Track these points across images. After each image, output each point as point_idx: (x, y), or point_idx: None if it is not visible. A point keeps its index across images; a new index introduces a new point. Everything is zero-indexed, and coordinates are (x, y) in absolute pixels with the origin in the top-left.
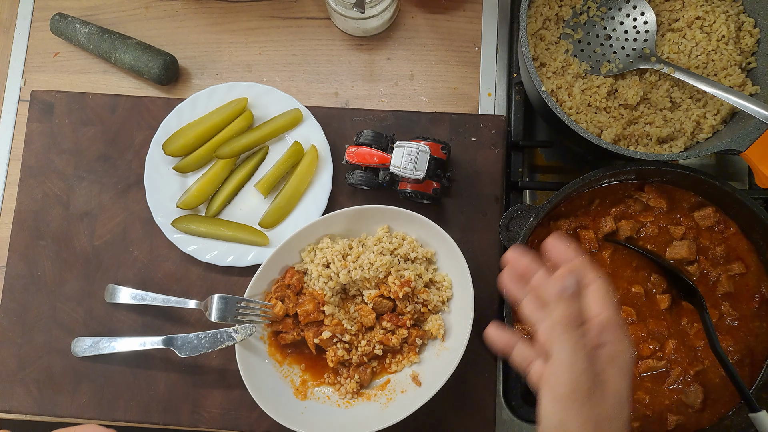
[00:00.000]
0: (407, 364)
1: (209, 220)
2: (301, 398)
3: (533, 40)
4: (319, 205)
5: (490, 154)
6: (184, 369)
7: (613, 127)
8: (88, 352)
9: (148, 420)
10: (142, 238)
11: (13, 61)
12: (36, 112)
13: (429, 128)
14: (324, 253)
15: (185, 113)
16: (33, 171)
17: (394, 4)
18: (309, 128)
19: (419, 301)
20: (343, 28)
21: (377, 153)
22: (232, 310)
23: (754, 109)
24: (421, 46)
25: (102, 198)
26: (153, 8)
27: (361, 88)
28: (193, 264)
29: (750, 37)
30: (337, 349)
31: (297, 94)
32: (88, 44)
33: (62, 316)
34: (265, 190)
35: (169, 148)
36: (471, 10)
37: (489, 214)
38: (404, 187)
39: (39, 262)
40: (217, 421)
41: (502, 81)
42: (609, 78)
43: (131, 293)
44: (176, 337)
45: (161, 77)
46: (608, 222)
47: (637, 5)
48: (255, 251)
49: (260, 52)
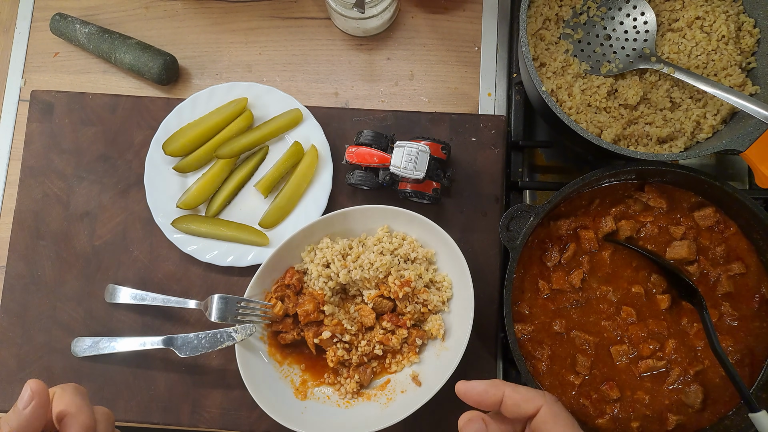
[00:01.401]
0: (407, 364)
1: (209, 220)
2: (301, 398)
3: (533, 40)
4: (319, 205)
5: (490, 154)
6: (184, 369)
7: (613, 127)
8: (88, 352)
9: (148, 420)
10: (142, 238)
11: (13, 61)
12: (36, 112)
13: (429, 128)
14: (324, 253)
15: (185, 113)
16: (33, 171)
17: (394, 4)
18: (309, 128)
19: (419, 301)
20: (343, 28)
21: (377, 153)
22: (232, 310)
23: (754, 109)
24: (421, 46)
25: (102, 198)
26: (153, 8)
27: (361, 88)
28: (193, 264)
29: (750, 37)
30: (337, 349)
31: (297, 94)
32: (88, 44)
33: (62, 316)
34: (265, 190)
35: (169, 148)
36: (471, 10)
37: (489, 214)
38: (404, 187)
39: (39, 262)
40: (217, 421)
41: (502, 81)
42: (609, 78)
43: (131, 293)
44: (176, 337)
45: (161, 77)
46: (608, 222)
47: (637, 5)
48: (255, 251)
49: (260, 52)
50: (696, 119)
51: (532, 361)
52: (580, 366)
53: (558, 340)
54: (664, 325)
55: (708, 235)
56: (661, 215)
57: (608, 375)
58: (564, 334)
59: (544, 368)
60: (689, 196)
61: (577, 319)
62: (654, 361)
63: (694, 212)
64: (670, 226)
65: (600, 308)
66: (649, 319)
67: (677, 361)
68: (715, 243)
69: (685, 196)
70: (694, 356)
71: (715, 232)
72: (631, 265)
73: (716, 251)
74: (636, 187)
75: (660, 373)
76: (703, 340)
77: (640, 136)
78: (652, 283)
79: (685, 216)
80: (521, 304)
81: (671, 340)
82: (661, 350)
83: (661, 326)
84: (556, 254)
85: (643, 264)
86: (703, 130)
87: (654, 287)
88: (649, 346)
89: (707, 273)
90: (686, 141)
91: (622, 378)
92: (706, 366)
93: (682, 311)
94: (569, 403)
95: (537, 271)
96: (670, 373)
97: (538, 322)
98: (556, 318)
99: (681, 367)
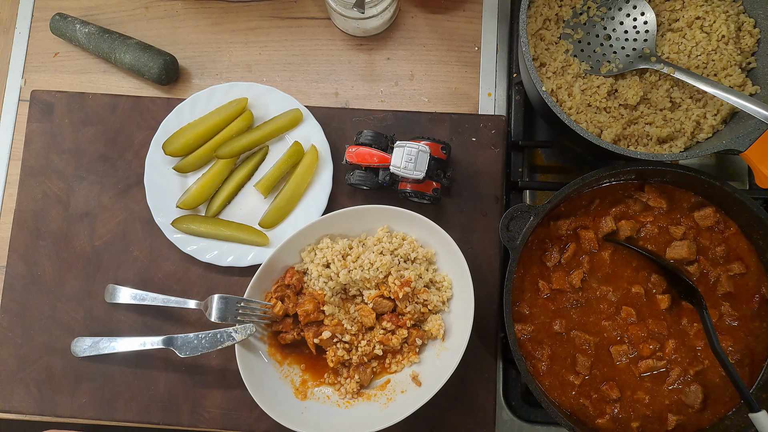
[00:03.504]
0: (407, 364)
1: (209, 220)
2: (301, 398)
3: (533, 40)
4: (319, 205)
5: (490, 154)
6: (184, 369)
7: (613, 127)
8: (88, 352)
9: (148, 420)
10: (142, 238)
11: (13, 61)
12: (36, 112)
13: (429, 128)
14: (324, 253)
15: (185, 113)
16: (33, 171)
17: (394, 4)
18: (309, 128)
19: (419, 301)
20: (343, 28)
21: (377, 153)
22: (232, 310)
23: (754, 109)
24: (421, 46)
25: (102, 198)
26: (153, 8)
27: (361, 88)
28: (193, 264)
29: (750, 37)
30: (337, 349)
31: (297, 94)
32: (88, 44)
33: (62, 316)
34: (265, 190)
35: (169, 148)
36: (471, 10)
37: (489, 214)
38: (404, 187)
39: (39, 262)
40: (217, 421)
41: (502, 81)
42: (609, 78)
43: (131, 293)
44: (176, 337)
45: (161, 77)
46: (608, 222)
47: (637, 5)
48: (255, 251)
49: (260, 52)
50: (696, 119)
51: (532, 361)
52: (580, 366)
53: (558, 340)
54: (664, 325)
55: (708, 235)
56: (661, 215)
57: (608, 375)
58: (564, 334)
59: (544, 368)
60: (689, 196)
61: (577, 319)
62: (654, 361)
63: (694, 212)
64: (670, 226)
65: (600, 308)
66: (649, 319)
67: (677, 361)
68: (715, 243)
69: (685, 196)
70: (694, 356)
71: (715, 232)
72: (631, 265)
73: (716, 251)
74: (636, 187)
75: (660, 373)
76: (703, 340)
77: (640, 136)
78: (652, 283)
79: (685, 216)
80: (521, 304)
81: (671, 340)
82: (661, 350)
83: (661, 326)
84: (556, 254)
85: (643, 264)
86: (703, 130)
87: (654, 287)
88: (649, 346)
89: (707, 273)
90: (686, 141)
91: (622, 378)
92: (706, 366)
93: (682, 311)
94: (569, 403)
95: (537, 271)
96: (670, 373)
97: (538, 322)
98: (556, 318)
99: (681, 367)
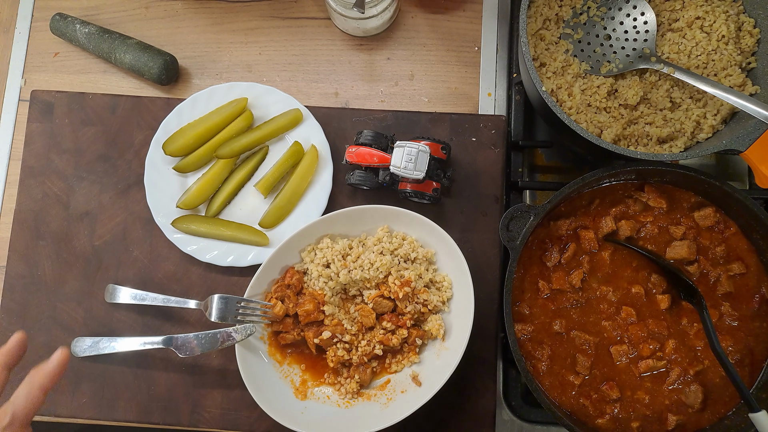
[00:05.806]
0: (407, 364)
1: (209, 220)
2: (301, 398)
3: (533, 40)
4: (319, 205)
5: (490, 154)
6: (184, 369)
7: (613, 127)
8: (88, 352)
9: (148, 420)
10: (142, 238)
11: (13, 61)
12: (36, 112)
13: (429, 128)
14: (324, 253)
15: (185, 113)
16: (33, 171)
17: (394, 4)
18: (309, 128)
19: (419, 301)
20: (343, 28)
21: (377, 153)
22: (232, 310)
23: (754, 109)
24: (421, 46)
25: (102, 198)
26: (153, 8)
27: (361, 88)
28: (193, 264)
29: (750, 37)
30: (338, 349)
31: (297, 94)
32: (88, 44)
33: (62, 316)
34: (265, 190)
35: (169, 148)
36: (471, 10)
37: (489, 214)
38: (404, 187)
39: (39, 262)
40: (217, 421)
41: (502, 81)
42: (609, 78)
43: (131, 293)
44: (176, 337)
45: (161, 77)
46: (608, 222)
47: (637, 5)
48: (255, 251)
49: (260, 52)
50: (696, 119)
51: (532, 361)
52: (580, 366)
53: (558, 340)
54: (664, 325)
55: (708, 235)
56: (661, 215)
57: (608, 375)
58: (564, 334)
59: (544, 368)
60: (689, 196)
61: (577, 319)
62: (654, 361)
63: (694, 212)
64: (670, 226)
65: (600, 308)
66: (649, 319)
67: (677, 361)
68: (715, 243)
69: (685, 196)
70: (694, 356)
71: (715, 232)
72: (631, 265)
73: (716, 251)
74: (636, 187)
75: (660, 373)
76: (703, 340)
77: (640, 136)
78: (652, 283)
79: (685, 216)
80: (521, 304)
81: (671, 340)
82: (661, 350)
83: (661, 326)
84: (556, 254)
85: (643, 264)
86: (703, 130)
87: (654, 287)
88: (649, 346)
89: (707, 273)
90: (686, 141)
91: (622, 378)
92: (706, 366)
93: (682, 311)
94: (569, 403)
95: (537, 271)
96: (670, 373)
97: (538, 322)
98: (556, 318)
99: (681, 367)
